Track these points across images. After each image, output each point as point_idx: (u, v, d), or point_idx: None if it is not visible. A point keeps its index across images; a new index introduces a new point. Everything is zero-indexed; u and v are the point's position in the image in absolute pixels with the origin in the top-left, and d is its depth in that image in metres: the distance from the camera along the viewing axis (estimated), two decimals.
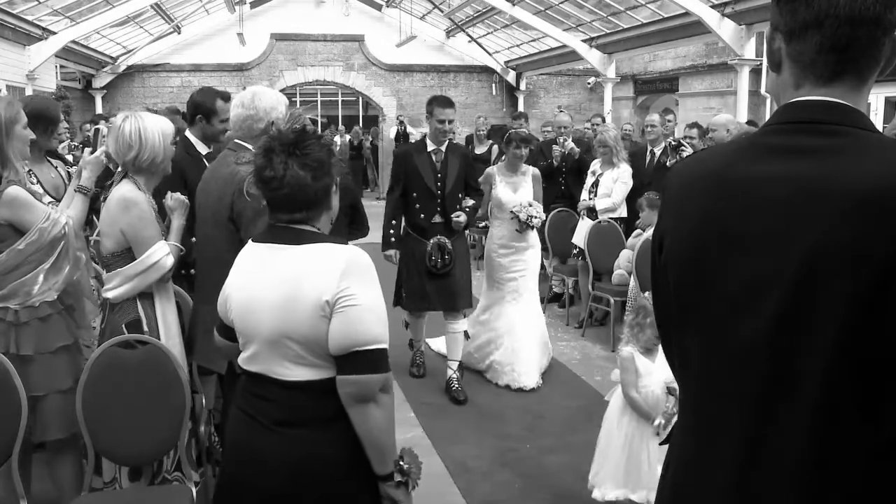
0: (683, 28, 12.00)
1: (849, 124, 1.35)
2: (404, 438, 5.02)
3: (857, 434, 1.28)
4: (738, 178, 1.41)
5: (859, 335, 1.26)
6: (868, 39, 1.34)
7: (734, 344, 1.38)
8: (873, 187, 1.25)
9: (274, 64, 18.76)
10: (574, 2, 14.56)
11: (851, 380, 1.27)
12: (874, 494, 1.29)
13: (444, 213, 5.75)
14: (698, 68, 16.23)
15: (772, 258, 1.33)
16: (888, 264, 1.23)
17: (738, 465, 1.38)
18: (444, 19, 18.66)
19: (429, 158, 5.78)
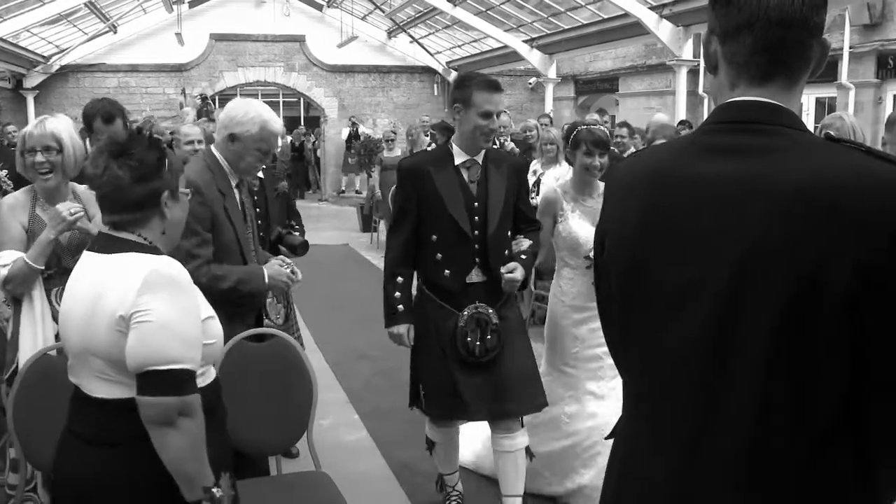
0: (623, 29, 12.14)
1: (781, 124, 1.38)
2: (350, 441, 4.98)
3: (789, 430, 1.31)
4: (676, 177, 1.44)
5: (791, 334, 1.28)
6: (796, 41, 1.37)
7: (673, 342, 1.41)
8: (803, 187, 1.28)
9: (214, 65, 18.50)
10: (515, 3, 14.63)
11: (783, 378, 1.30)
12: (806, 485, 1.33)
13: (487, 267, 3.55)
14: (638, 69, 16.44)
15: (708, 257, 1.36)
16: (817, 263, 1.25)
17: (681, 459, 1.41)
18: (386, 20, 18.62)
19: (457, 177, 3.53)
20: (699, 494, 1.39)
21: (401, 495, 4.31)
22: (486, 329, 3.52)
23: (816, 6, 1.37)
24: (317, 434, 3.39)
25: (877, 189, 1.26)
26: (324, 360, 6.46)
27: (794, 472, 1.33)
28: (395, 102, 19.71)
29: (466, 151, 3.56)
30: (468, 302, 3.55)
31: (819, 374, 1.29)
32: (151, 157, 2.15)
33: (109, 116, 4.32)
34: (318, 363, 6.12)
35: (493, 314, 3.53)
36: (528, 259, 3.61)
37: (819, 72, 1.45)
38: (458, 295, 3.55)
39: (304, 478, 3.37)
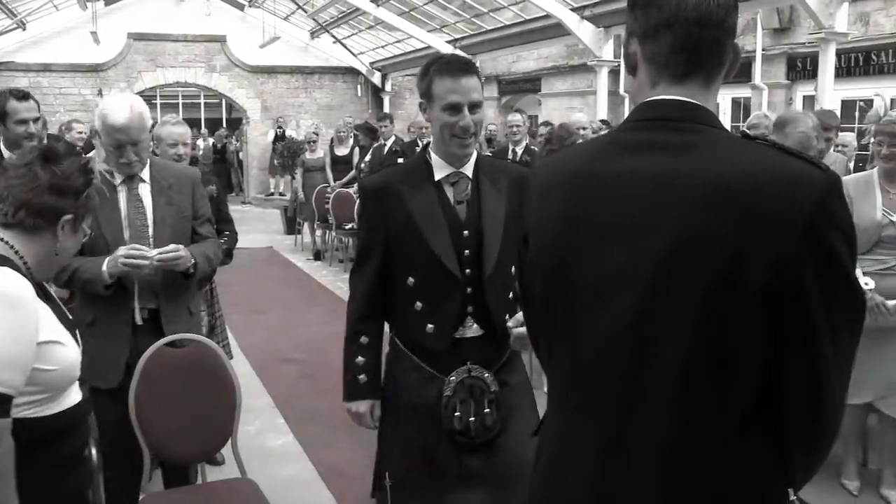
0: (545, 30, 12.28)
1: (699, 122, 1.42)
2: (276, 446, 4.92)
3: (710, 419, 1.37)
4: (598, 174, 1.47)
5: (712, 325, 1.33)
6: (713, 41, 1.42)
7: (600, 335, 1.44)
8: (720, 182, 1.33)
9: (131, 65, 18.03)
10: (438, 3, 14.66)
11: (704, 369, 1.35)
12: (726, 470, 1.38)
13: (485, 317, 2.64)
14: (560, 69, 16.67)
15: (631, 251, 1.39)
16: (736, 257, 1.30)
17: (607, 449, 1.44)
18: (309, 20, 18.46)
19: (438, 197, 2.65)
20: (627, 482, 1.43)
21: (329, 498, 4.29)
22: (481, 400, 2.60)
23: (730, 8, 1.42)
24: (242, 440, 3.34)
25: (789, 184, 1.31)
26: (248, 365, 6.37)
27: (715, 458, 1.38)
28: (319, 104, 19.54)
29: (448, 162, 2.63)
30: (458, 363, 2.60)
31: (738, 365, 1.34)
32: (78, 179, 2.09)
33: (22, 94, 4.20)
34: (243, 368, 6.04)
35: (491, 380, 2.61)
36: None
37: (732, 74, 1.50)
38: (443, 355, 2.61)
39: (229, 486, 3.32)
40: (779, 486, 1.45)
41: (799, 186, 1.30)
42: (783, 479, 1.45)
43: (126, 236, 3.19)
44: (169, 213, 3.27)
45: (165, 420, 3.13)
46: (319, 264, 11.45)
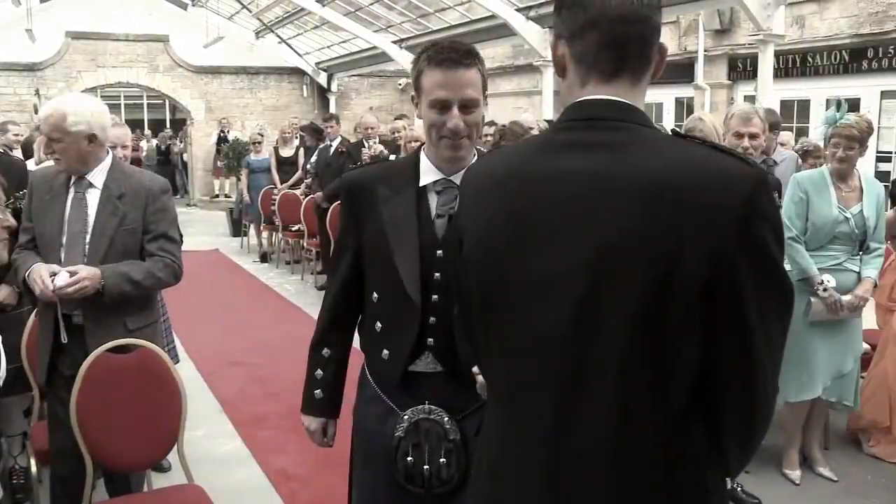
0: (490, 30, 12.32)
1: (630, 121, 1.45)
2: (224, 450, 4.87)
3: (650, 411, 1.40)
4: (533, 174, 1.48)
5: (648, 321, 1.35)
6: (639, 38, 1.44)
7: (537, 334, 1.45)
8: (655, 180, 1.35)
9: (71, 64, 17.63)
10: (384, 3, 14.63)
11: (644, 366, 1.38)
12: (666, 462, 1.42)
13: (445, 353, 2.22)
14: (506, 69, 16.77)
15: (567, 250, 1.40)
16: (672, 253, 1.32)
17: (550, 445, 1.46)
18: (253, 20, 18.25)
19: (416, 206, 2.26)
20: (571, 483, 1.45)
21: (278, 503, 4.25)
22: (437, 448, 2.22)
23: (654, 6, 1.45)
24: (189, 445, 3.31)
25: (720, 179, 1.35)
26: (195, 369, 6.29)
27: (655, 449, 1.41)
28: (264, 104, 19.35)
29: (438, 167, 2.25)
30: (415, 401, 2.25)
31: (675, 358, 1.37)
32: None
33: None
34: (190, 372, 5.96)
35: (451, 426, 2.22)
36: None
37: (659, 74, 1.52)
38: (404, 388, 2.27)
39: (175, 492, 3.28)
40: (716, 477, 1.49)
41: (729, 181, 1.34)
42: (721, 469, 1.50)
43: (63, 240, 3.14)
44: (111, 223, 3.17)
45: (109, 427, 3.08)
46: (266, 266, 11.36)
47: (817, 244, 4.28)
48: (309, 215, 9.91)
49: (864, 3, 10.63)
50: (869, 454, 4.76)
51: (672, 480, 1.43)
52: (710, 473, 1.47)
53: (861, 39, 10.64)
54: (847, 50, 10.81)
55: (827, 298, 4.19)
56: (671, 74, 13.25)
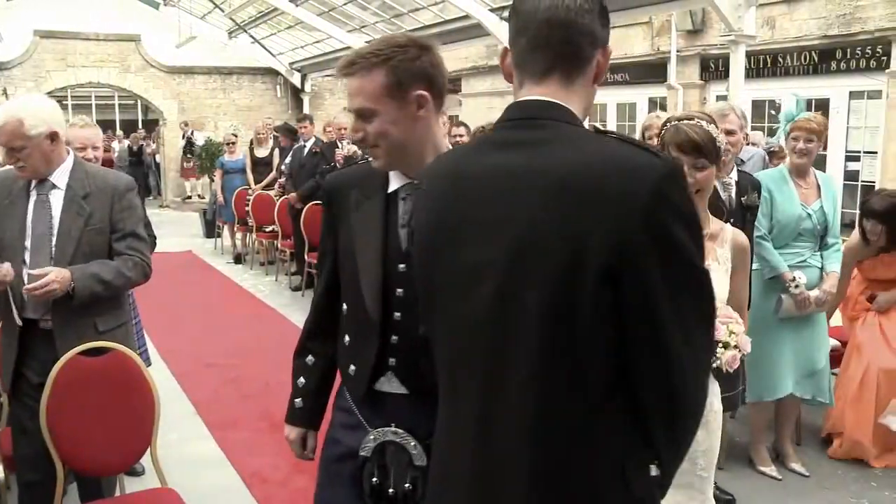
0: (464, 30, 12.31)
1: (555, 119, 1.52)
2: (198, 453, 4.84)
3: (571, 398, 1.46)
4: (464, 172, 1.60)
5: (562, 310, 1.42)
6: (564, 40, 1.52)
7: (465, 324, 1.55)
8: (568, 173, 1.43)
9: (39, 63, 17.42)
10: (357, 4, 14.60)
11: (561, 351, 1.44)
12: (588, 446, 1.48)
13: (410, 374, 2.09)
14: (480, 69, 16.80)
15: (489, 242, 1.49)
16: (578, 242, 1.39)
17: (479, 432, 1.55)
18: (226, 20, 18.14)
19: (383, 212, 2.10)
20: (497, 462, 1.52)
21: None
22: (403, 474, 2.09)
23: (583, 12, 1.51)
24: (163, 449, 3.28)
25: (628, 172, 1.41)
26: (168, 372, 6.24)
27: (577, 434, 1.47)
28: (238, 105, 19.24)
29: (405, 171, 2.08)
30: (381, 420, 2.12)
31: (589, 346, 1.44)
32: None
33: None
34: (163, 375, 5.92)
35: (417, 452, 2.07)
36: None
37: (600, 79, 1.58)
38: (371, 405, 2.15)
39: (149, 496, 3.26)
40: (638, 465, 1.52)
41: (637, 173, 1.40)
42: (643, 455, 1.52)
43: (27, 243, 3.09)
44: (77, 224, 3.14)
45: (80, 431, 3.05)
46: (241, 268, 11.29)
47: (783, 241, 4.35)
48: (283, 216, 9.87)
49: (832, 5, 10.75)
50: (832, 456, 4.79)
51: (589, 467, 1.48)
52: (631, 461, 1.51)
53: (830, 41, 10.77)
54: (816, 51, 10.94)
55: (798, 295, 4.25)
56: (644, 74, 13.35)
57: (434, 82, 2.03)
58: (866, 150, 10.70)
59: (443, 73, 2.07)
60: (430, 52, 2.04)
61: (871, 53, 10.36)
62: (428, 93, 2.00)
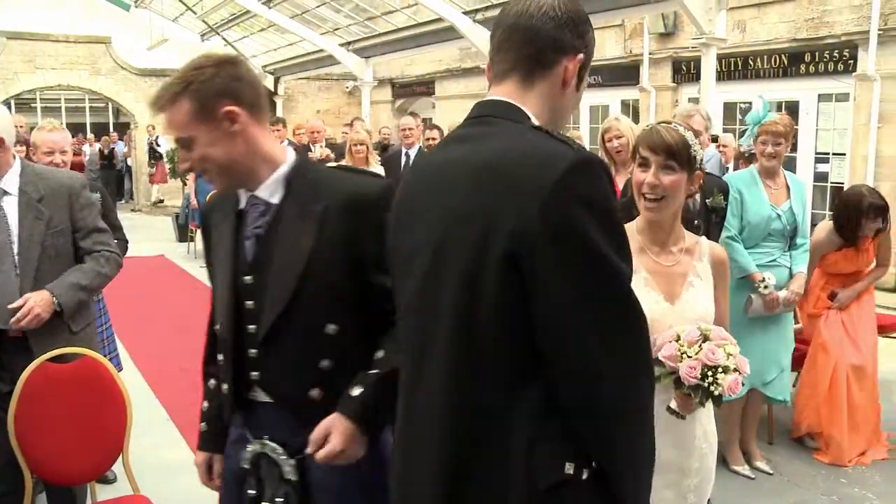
0: (437, 33, 12.35)
1: (503, 117, 1.58)
2: (171, 459, 4.79)
3: (482, 377, 1.50)
4: (425, 164, 1.78)
5: (473, 289, 1.48)
6: (526, 43, 1.59)
7: (404, 300, 1.67)
8: (488, 163, 1.50)
9: (6, 65, 17.22)
10: (331, 6, 14.58)
11: (471, 329, 1.49)
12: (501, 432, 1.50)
13: (274, 387, 2.06)
14: (453, 72, 16.81)
15: (423, 229, 1.59)
16: (487, 227, 1.45)
17: (406, 394, 1.67)
18: (199, 22, 18.05)
19: (236, 228, 2.08)
20: (415, 425, 1.63)
21: None
22: (276, 487, 2.04)
23: (549, 18, 1.59)
24: (136, 455, 3.25)
25: (540, 162, 1.45)
26: (140, 377, 6.19)
27: (483, 421, 1.51)
28: None
29: (246, 186, 2.06)
30: (257, 433, 2.08)
31: (495, 334, 1.47)
32: None
33: None
34: (135, 380, 5.87)
35: (289, 467, 2.02)
36: (368, 391, 1.93)
37: (568, 86, 1.64)
38: (247, 418, 2.12)
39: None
40: (548, 454, 1.49)
41: (546, 162, 1.44)
42: (559, 448, 1.49)
43: None
44: (38, 229, 3.08)
45: (50, 439, 3.01)
46: None
47: (753, 242, 4.40)
48: None
49: (800, 9, 10.87)
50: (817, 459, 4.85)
51: (494, 455, 1.50)
52: (540, 453, 1.48)
53: (798, 44, 10.88)
54: (786, 54, 11.05)
55: (767, 295, 4.30)
56: (617, 77, 13.42)
57: (241, 94, 1.95)
58: (835, 151, 10.82)
59: (251, 83, 2.00)
60: (229, 66, 1.98)
61: (839, 57, 10.49)
62: (236, 107, 1.93)
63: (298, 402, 2.00)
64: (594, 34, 1.71)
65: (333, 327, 1.97)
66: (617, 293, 1.46)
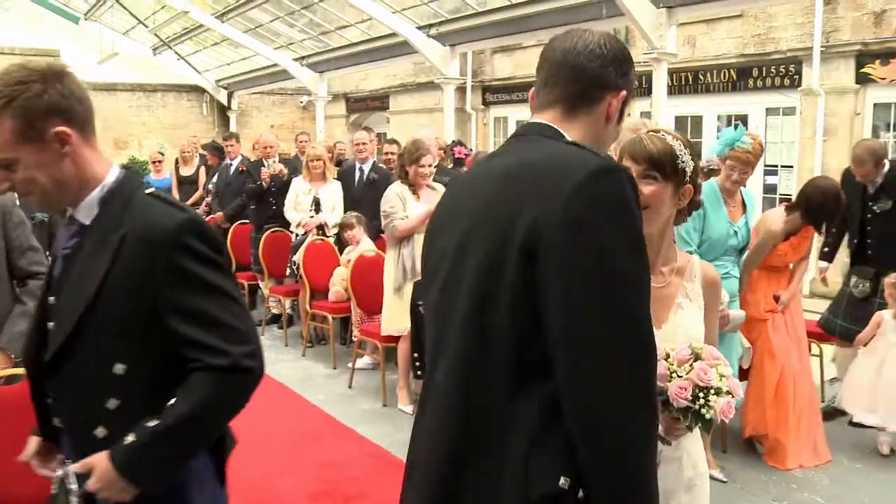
0: (391, 48, 12.36)
1: (540, 134, 1.69)
2: None
3: (489, 373, 1.55)
4: (459, 179, 1.90)
5: (489, 282, 1.54)
6: (569, 80, 1.71)
7: (429, 304, 1.76)
8: (520, 164, 1.62)
9: None
10: (284, 21, 14.52)
11: (483, 324, 1.55)
12: (508, 424, 1.53)
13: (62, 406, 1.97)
14: (407, 86, 16.84)
15: (453, 231, 1.68)
16: (509, 222, 1.52)
17: (419, 406, 1.78)
18: (151, 36, 17.83)
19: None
20: (427, 417, 1.71)
21: None
22: None
23: (595, 56, 1.70)
24: None
25: (566, 166, 1.53)
26: None
27: (492, 418, 1.54)
28: (163, 122, 18.88)
29: (68, 207, 1.97)
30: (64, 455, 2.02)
31: (509, 328, 1.51)
32: None
33: None
34: None
35: (76, 497, 1.93)
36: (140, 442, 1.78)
37: (614, 120, 1.77)
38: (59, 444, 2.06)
39: None
40: (546, 465, 1.49)
41: (572, 166, 1.52)
42: (558, 461, 1.49)
43: None
44: None
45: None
46: None
47: (711, 257, 4.45)
48: None
49: (747, 25, 11.10)
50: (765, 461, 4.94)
51: (494, 456, 1.53)
52: (538, 460, 1.49)
53: (746, 59, 11.10)
54: (735, 69, 11.26)
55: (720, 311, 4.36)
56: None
57: (72, 113, 1.82)
58: (783, 164, 11.04)
59: (81, 98, 1.86)
60: (58, 81, 1.81)
61: (785, 72, 10.72)
62: (67, 127, 1.80)
63: (83, 438, 1.87)
64: (635, 72, 1.82)
65: (121, 366, 1.82)
66: (625, 300, 1.48)
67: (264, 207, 8.39)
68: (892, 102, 9.94)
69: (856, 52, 10.00)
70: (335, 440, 5.39)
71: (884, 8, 9.76)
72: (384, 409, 6.03)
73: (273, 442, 5.32)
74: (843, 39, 10.10)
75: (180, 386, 1.80)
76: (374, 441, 5.30)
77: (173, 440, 1.75)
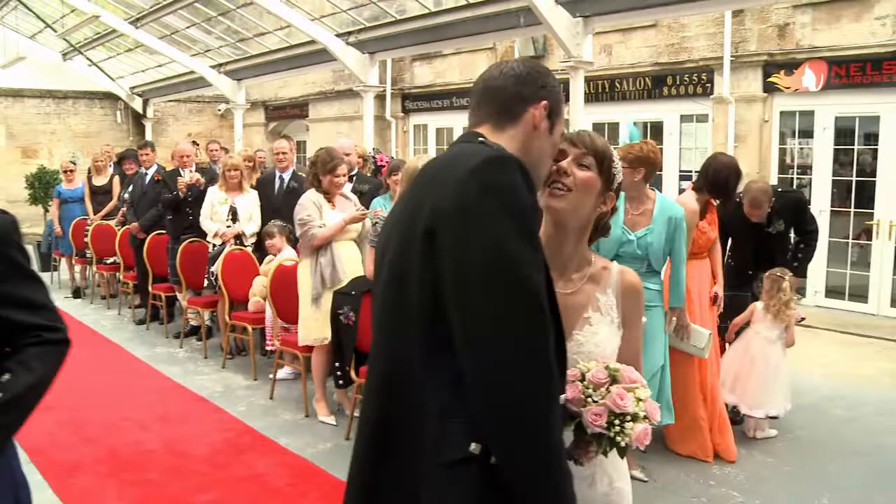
0: (310, 56, 12.28)
1: (465, 140, 1.85)
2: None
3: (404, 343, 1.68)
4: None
5: (399, 272, 1.70)
6: (491, 101, 1.88)
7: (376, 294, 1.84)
8: (436, 163, 1.81)
9: None
10: (202, 27, 14.29)
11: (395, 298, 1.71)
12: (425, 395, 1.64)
13: None
14: (327, 94, 16.75)
15: (390, 229, 1.83)
16: (419, 212, 1.64)
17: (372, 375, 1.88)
18: (59, 40, 17.31)
19: None
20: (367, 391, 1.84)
21: None
22: None
23: (511, 77, 1.87)
24: None
25: (466, 158, 1.66)
26: None
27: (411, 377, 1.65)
28: (74, 130, 18.33)
29: None
30: None
31: (419, 301, 1.62)
32: None
33: None
34: None
35: None
36: None
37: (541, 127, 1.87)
38: None
39: None
40: (458, 429, 1.60)
41: (468, 157, 1.66)
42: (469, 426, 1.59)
43: None
44: None
45: None
46: (80, 302, 10.77)
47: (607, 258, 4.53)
48: (125, 247, 9.51)
49: (661, 35, 11.39)
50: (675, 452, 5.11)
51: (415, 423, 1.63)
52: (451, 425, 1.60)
53: (661, 68, 11.38)
54: (650, 77, 11.54)
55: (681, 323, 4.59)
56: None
57: None
58: (697, 169, 11.29)
59: None
60: None
61: (698, 80, 11.03)
62: None
63: None
64: (555, 80, 1.93)
65: None
66: (510, 280, 1.54)
67: (181, 218, 8.23)
68: (796, 110, 10.33)
69: (763, 63, 10.36)
70: (257, 452, 5.30)
71: (787, 21, 10.13)
72: (306, 419, 5.95)
73: (193, 455, 5.21)
74: (750, 50, 10.45)
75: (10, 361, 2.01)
76: (295, 452, 5.21)
77: (20, 408, 1.97)
